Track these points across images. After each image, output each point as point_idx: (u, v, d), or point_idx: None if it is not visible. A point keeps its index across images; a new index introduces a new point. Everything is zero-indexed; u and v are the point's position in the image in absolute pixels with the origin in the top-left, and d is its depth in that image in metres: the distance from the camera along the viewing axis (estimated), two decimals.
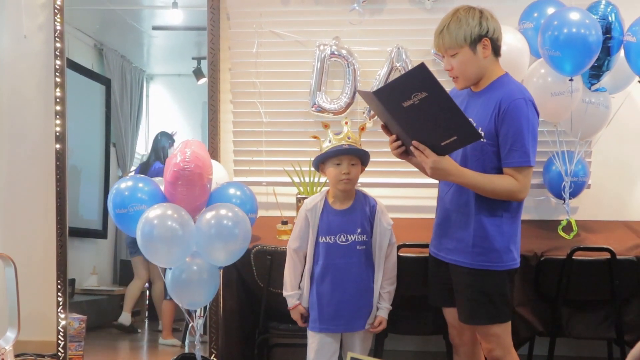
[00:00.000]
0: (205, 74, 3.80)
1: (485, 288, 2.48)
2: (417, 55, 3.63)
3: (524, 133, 2.38)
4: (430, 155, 2.37)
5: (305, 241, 2.74)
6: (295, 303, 2.75)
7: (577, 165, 3.37)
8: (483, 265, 2.47)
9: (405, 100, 2.28)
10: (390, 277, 2.73)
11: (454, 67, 2.48)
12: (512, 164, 2.41)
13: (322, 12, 3.74)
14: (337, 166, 2.65)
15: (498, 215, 2.46)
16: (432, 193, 2.82)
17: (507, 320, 2.53)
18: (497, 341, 2.52)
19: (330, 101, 3.68)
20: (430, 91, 2.25)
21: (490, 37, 2.45)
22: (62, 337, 3.69)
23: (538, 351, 3.29)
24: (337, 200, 2.73)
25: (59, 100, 3.75)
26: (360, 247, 2.69)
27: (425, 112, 2.30)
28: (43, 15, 3.89)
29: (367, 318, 2.71)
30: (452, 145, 2.36)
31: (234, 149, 3.86)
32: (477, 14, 2.45)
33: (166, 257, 2.81)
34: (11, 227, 3.96)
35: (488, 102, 2.45)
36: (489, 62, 2.48)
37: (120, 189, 2.88)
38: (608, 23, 3.11)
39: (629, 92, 3.48)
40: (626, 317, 3.08)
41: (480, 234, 2.47)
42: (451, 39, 2.44)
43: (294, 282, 2.76)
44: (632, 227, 3.46)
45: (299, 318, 2.76)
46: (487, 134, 2.42)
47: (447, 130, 2.33)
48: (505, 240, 2.47)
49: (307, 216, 2.72)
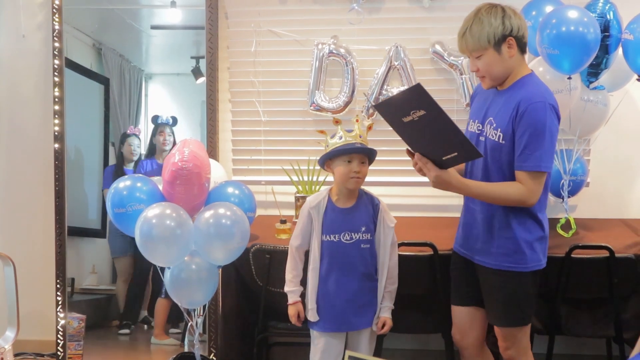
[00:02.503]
0: (203, 73, 3.80)
1: (512, 290, 2.47)
2: (415, 54, 3.64)
3: (539, 137, 2.34)
4: (431, 170, 2.36)
5: (307, 239, 2.73)
6: (296, 299, 2.74)
7: (576, 164, 3.37)
8: (509, 266, 2.46)
9: (404, 116, 2.28)
10: (392, 277, 2.73)
11: (480, 69, 2.44)
12: (523, 167, 2.38)
13: (320, 11, 3.74)
14: (348, 164, 2.64)
15: (522, 216, 2.45)
16: (434, 192, 2.82)
17: (529, 323, 2.54)
18: (514, 341, 2.53)
19: (328, 100, 3.68)
20: (427, 110, 2.24)
21: (515, 35, 2.39)
22: (62, 336, 3.69)
23: (537, 349, 3.27)
24: (341, 198, 2.72)
25: (58, 100, 3.75)
26: (364, 245, 2.68)
27: (424, 128, 2.29)
28: (41, 15, 3.88)
29: (371, 316, 2.71)
30: (453, 160, 2.35)
31: (232, 148, 3.86)
32: (499, 12, 2.39)
33: (165, 257, 2.82)
34: (10, 227, 3.96)
35: (508, 102, 2.41)
36: (515, 60, 2.43)
37: (118, 189, 2.89)
38: (606, 21, 3.11)
39: (628, 90, 3.48)
40: (625, 314, 3.08)
41: (504, 235, 2.46)
42: (474, 41, 2.39)
43: (296, 278, 2.75)
44: (630, 225, 3.46)
45: (295, 314, 2.73)
46: (505, 135, 2.40)
47: (448, 146, 2.32)
48: (530, 241, 2.46)
49: (310, 214, 2.70)
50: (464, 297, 2.61)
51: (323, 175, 3.57)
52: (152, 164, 3.91)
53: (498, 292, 2.49)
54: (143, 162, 3.93)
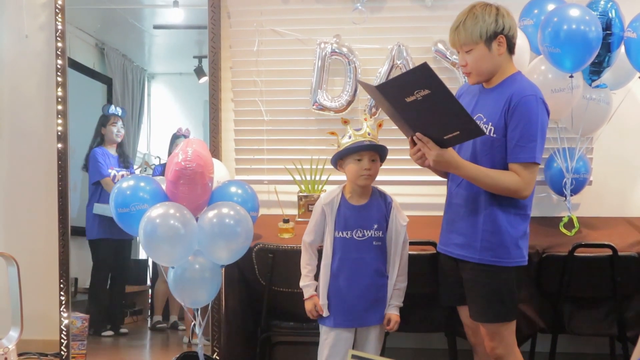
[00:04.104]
0: (206, 72, 3.81)
1: (494, 285, 2.48)
2: (417, 53, 3.63)
3: (531, 129, 2.38)
4: (433, 148, 2.38)
5: (320, 235, 2.75)
6: (312, 293, 2.74)
7: (579, 162, 3.36)
8: (491, 260, 2.47)
9: (408, 96, 2.28)
10: (402, 275, 2.74)
11: (468, 63, 2.48)
12: (518, 159, 2.41)
13: (322, 10, 3.74)
14: (358, 162, 2.67)
15: (508, 211, 2.46)
16: (439, 191, 2.82)
17: (513, 319, 2.54)
18: (501, 339, 2.53)
19: (331, 99, 3.68)
20: (432, 89, 2.25)
21: (506, 34, 2.45)
22: (65, 336, 3.70)
23: (540, 348, 3.29)
24: (354, 196, 2.74)
25: (61, 100, 3.76)
26: (376, 242, 2.70)
27: (427, 107, 2.30)
28: (44, 15, 3.89)
29: (381, 313, 2.72)
30: (455, 139, 2.36)
31: (235, 147, 3.86)
32: (493, 10, 2.45)
33: (169, 256, 2.82)
34: (13, 227, 3.97)
35: (499, 98, 2.45)
36: (503, 59, 2.48)
37: (122, 188, 2.89)
38: (608, 19, 3.11)
39: (630, 88, 3.47)
40: (628, 313, 3.09)
41: (489, 229, 2.47)
42: (467, 35, 2.44)
43: (310, 273, 2.77)
44: (633, 224, 3.46)
45: (312, 309, 2.73)
46: (497, 129, 2.43)
47: (450, 125, 2.33)
48: (514, 237, 2.47)
49: (323, 210, 2.73)
50: (462, 297, 2.62)
51: (326, 174, 3.57)
52: (105, 152, 3.94)
53: (481, 287, 2.50)
54: (97, 149, 3.94)
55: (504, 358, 2.54)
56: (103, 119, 3.97)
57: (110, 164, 3.91)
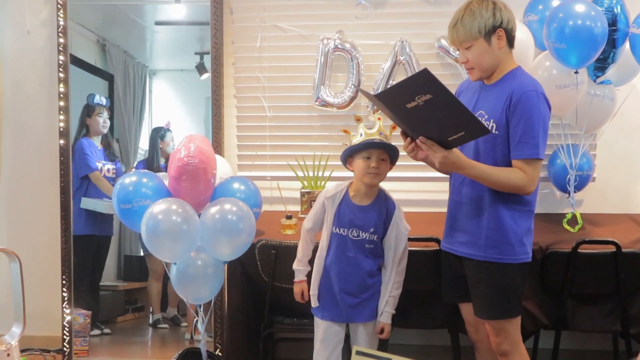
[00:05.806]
0: (208, 69, 3.80)
1: (499, 282, 2.47)
2: (421, 49, 3.63)
3: (534, 125, 2.38)
4: (438, 150, 2.36)
5: (319, 224, 2.75)
6: (302, 279, 2.78)
7: (582, 159, 3.35)
8: (495, 258, 2.46)
9: (408, 102, 2.27)
10: (397, 282, 2.73)
11: (469, 60, 2.48)
12: (521, 156, 2.40)
13: (325, 5, 3.73)
14: (367, 160, 2.65)
15: (512, 207, 2.46)
16: (440, 187, 2.81)
17: (518, 315, 2.53)
18: (506, 335, 2.52)
19: (334, 95, 3.67)
20: (434, 94, 2.23)
21: (505, 27, 2.45)
22: (67, 332, 3.70)
23: (543, 344, 3.29)
24: (358, 195, 2.72)
25: (63, 96, 3.75)
26: (368, 245, 2.69)
27: (430, 111, 2.28)
28: (46, 11, 3.89)
29: (370, 312, 2.71)
30: (460, 139, 2.35)
31: (237, 143, 3.86)
32: (490, 5, 2.44)
33: (171, 252, 2.82)
34: (16, 223, 3.97)
35: (500, 94, 2.44)
36: (504, 53, 2.48)
37: (124, 184, 2.89)
38: (614, 15, 3.09)
39: (635, 84, 3.47)
40: (631, 310, 3.08)
41: (493, 227, 2.46)
42: (465, 31, 2.43)
43: (304, 258, 2.79)
44: (637, 220, 3.45)
45: (299, 292, 2.78)
46: (498, 125, 2.42)
47: (455, 127, 2.32)
48: (519, 233, 2.46)
49: (324, 203, 2.73)
50: (464, 294, 2.61)
51: (329, 170, 3.57)
52: (92, 144, 3.90)
53: (486, 285, 2.50)
54: (84, 140, 3.88)
55: (510, 354, 2.53)
56: (88, 108, 3.89)
57: (97, 157, 3.87)
